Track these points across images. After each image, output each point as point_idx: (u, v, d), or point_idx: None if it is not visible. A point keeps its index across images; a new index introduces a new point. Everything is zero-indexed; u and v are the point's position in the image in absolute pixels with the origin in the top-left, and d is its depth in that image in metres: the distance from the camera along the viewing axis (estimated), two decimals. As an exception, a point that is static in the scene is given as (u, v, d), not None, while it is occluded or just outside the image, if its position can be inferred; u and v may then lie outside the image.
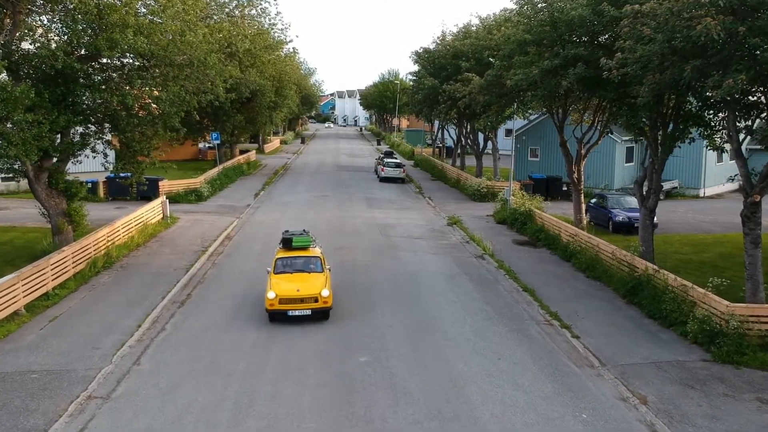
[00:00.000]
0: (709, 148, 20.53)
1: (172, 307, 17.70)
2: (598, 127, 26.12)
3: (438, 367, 13.65)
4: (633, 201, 29.71)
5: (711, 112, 16.85)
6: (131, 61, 22.58)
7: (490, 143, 46.41)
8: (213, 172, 42.67)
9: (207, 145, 58.74)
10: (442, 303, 18.15)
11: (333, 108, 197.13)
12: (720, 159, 41.13)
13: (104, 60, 22.53)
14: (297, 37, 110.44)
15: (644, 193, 20.59)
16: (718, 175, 41.33)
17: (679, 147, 18.75)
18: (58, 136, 21.45)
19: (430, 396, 12.33)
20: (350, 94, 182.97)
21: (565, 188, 38.39)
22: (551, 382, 13.09)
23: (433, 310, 17.46)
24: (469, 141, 47.42)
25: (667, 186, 37.50)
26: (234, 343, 14.88)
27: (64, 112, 20.25)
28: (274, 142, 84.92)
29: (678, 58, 13.71)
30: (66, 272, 19.28)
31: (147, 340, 15.24)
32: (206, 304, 17.94)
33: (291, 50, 57.73)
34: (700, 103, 17.15)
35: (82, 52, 20.81)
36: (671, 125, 18.76)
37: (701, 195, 39.75)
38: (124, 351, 14.49)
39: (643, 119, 18.26)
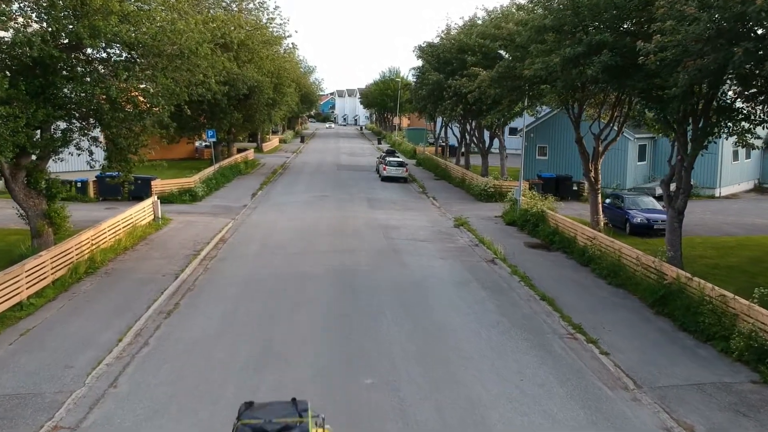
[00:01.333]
0: (738, 144, 18.98)
1: (158, 317, 16.12)
2: (615, 125, 24.52)
3: (453, 390, 12.07)
4: (650, 201, 28.36)
5: (751, 103, 15.24)
6: (118, 51, 21.08)
7: (496, 141, 44.87)
8: (208, 171, 41.07)
9: (204, 144, 57.18)
10: (454, 314, 16.56)
11: (333, 107, 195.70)
12: (735, 157, 39.64)
13: (89, 51, 21.09)
14: (296, 32, 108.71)
15: (671, 193, 19.03)
16: (734, 174, 39.82)
17: (715, 143, 17.18)
18: (38, 131, 19.91)
19: (446, 426, 10.75)
20: (350, 93, 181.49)
21: (575, 188, 36.89)
22: (583, 408, 11.52)
23: (445, 322, 15.87)
24: (474, 139, 45.85)
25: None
26: (223, 361, 13.30)
27: (42, 105, 18.66)
28: (273, 141, 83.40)
29: (725, 41, 12.14)
30: (44, 279, 17.70)
31: (127, 356, 13.66)
32: (195, 315, 16.36)
33: (290, 46, 56.18)
34: (736, 94, 15.58)
35: (64, 41, 19.29)
36: (702, 119, 17.20)
37: (717, 195, 38.17)
38: (101, 370, 12.89)
39: (673, 112, 16.65)
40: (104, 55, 21.11)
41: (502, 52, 26.26)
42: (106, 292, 18.04)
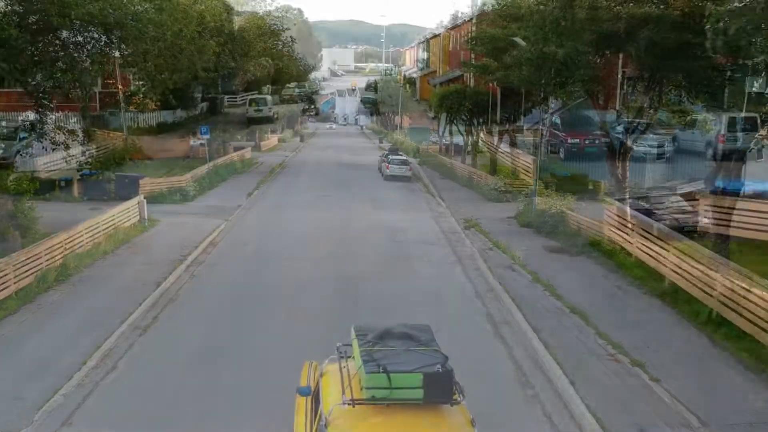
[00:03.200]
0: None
1: (132, 334, 13.98)
2: (644, 117, 22.35)
3: (481, 430, 9.89)
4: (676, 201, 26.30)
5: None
6: (97, 36, 19.03)
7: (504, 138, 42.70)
8: (202, 170, 38.82)
9: (198, 142, 54.98)
10: (475, 331, 14.38)
11: (333, 107, 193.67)
12: (759, 156, 37.49)
13: (64, 34, 19.06)
14: (295, 25, 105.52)
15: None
16: (757, 173, 37.63)
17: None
18: (2, 122, 17.87)
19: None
20: (351, 92, 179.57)
21: (591, 187, 34.70)
22: (642, 454, 9.36)
23: (466, 342, 13.66)
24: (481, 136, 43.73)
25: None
26: (202, 393, 11.13)
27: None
28: (272, 140, 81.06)
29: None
30: (5, 289, 15.54)
31: (90, 384, 11.52)
32: (174, 331, 14.26)
33: (289, 39, 54.06)
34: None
35: (33, 20, 17.26)
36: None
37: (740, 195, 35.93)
38: (55, 402, 10.74)
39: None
40: (80, 39, 19.12)
41: (517, 39, 24.06)
42: (76, 304, 15.90)
